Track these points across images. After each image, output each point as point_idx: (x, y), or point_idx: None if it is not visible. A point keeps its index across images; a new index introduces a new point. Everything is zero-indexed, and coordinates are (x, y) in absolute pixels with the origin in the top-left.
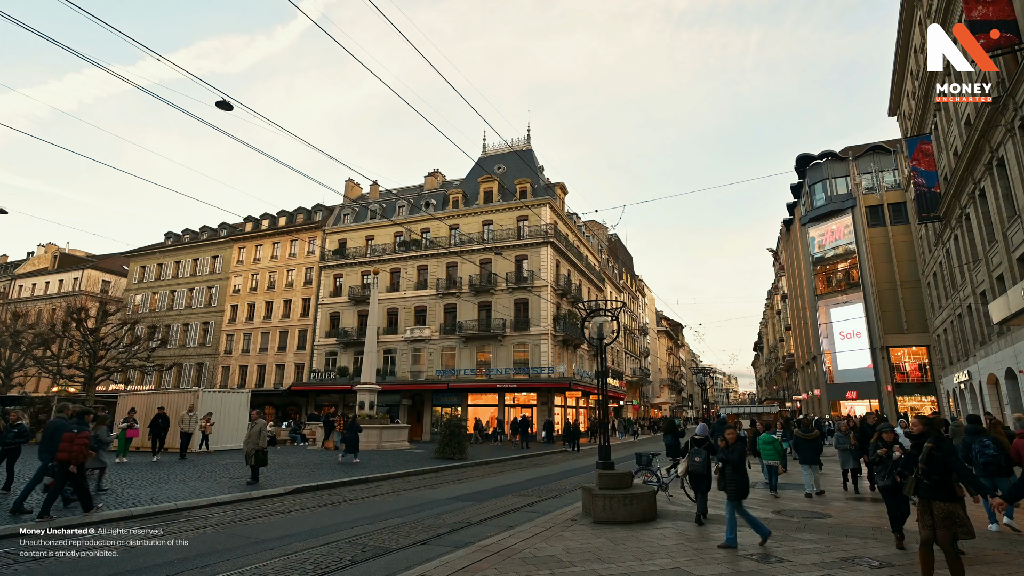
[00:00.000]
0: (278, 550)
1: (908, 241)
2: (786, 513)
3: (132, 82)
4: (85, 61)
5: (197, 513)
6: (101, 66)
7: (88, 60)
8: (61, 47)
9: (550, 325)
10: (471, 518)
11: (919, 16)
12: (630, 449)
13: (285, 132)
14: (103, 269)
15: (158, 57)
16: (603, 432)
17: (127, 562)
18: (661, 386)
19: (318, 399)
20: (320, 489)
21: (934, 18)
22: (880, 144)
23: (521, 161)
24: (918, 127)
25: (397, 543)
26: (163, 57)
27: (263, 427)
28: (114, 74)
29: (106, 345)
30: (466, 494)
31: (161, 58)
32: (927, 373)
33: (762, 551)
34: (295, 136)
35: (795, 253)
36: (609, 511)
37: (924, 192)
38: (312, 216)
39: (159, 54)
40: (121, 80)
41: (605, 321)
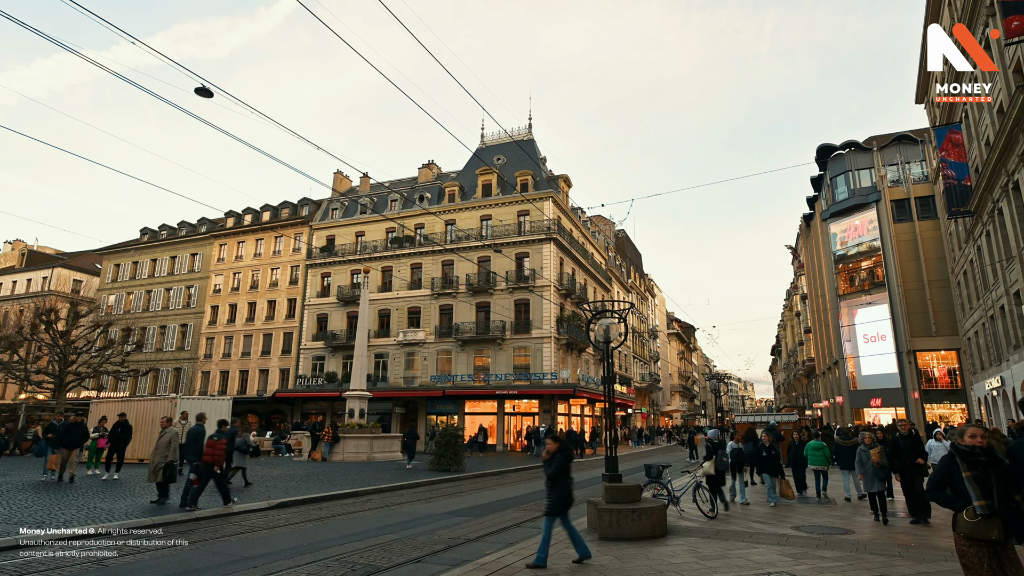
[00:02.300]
0: (262, 568)
1: (937, 237)
2: (806, 528)
3: (106, 68)
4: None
5: (174, 529)
6: (73, 50)
7: (59, 44)
8: (30, 30)
9: (553, 327)
10: (468, 534)
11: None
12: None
13: (269, 121)
14: (74, 267)
15: (133, 40)
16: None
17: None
18: (672, 393)
19: (304, 407)
20: (307, 503)
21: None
22: (907, 133)
23: (522, 152)
24: (947, 115)
25: (389, 561)
26: (139, 41)
27: (174, 436)
28: (87, 59)
29: (77, 349)
30: (463, 508)
31: (137, 41)
32: (957, 379)
33: (576, 567)
34: (280, 125)
35: (815, 250)
36: (616, 526)
37: (954, 185)
38: (298, 211)
39: (135, 38)
40: (95, 66)
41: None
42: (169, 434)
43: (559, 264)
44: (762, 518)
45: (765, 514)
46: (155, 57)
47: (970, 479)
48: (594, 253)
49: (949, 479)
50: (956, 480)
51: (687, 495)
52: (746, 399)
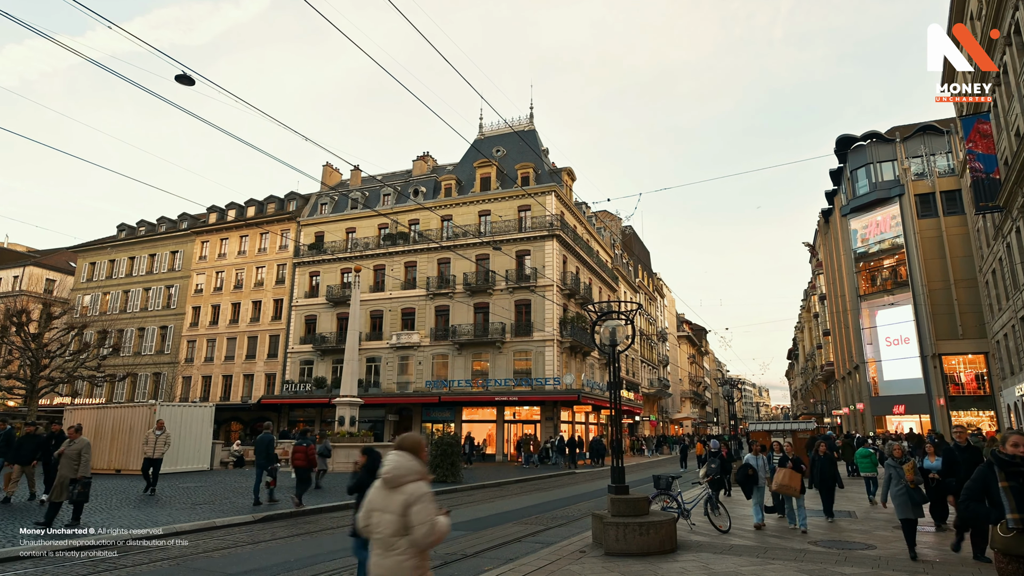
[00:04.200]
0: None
1: (963, 234)
2: (824, 543)
3: (82, 54)
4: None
5: (154, 544)
6: (46, 36)
7: (31, 29)
8: (1, 14)
9: (556, 330)
10: (466, 549)
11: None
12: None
13: (254, 110)
14: (47, 266)
15: (110, 25)
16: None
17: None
18: (682, 399)
19: (292, 414)
20: (294, 516)
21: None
22: (931, 124)
23: (523, 143)
24: (974, 105)
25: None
26: (116, 26)
27: (85, 448)
28: (62, 45)
29: (50, 353)
30: (461, 522)
31: (114, 26)
32: (985, 384)
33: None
34: (265, 115)
35: (835, 248)
36: (623, 541)
37: (981, 178)
38: (285, 206)
39: (111, 22)
40: (69, 52)
41: (618, 325)
42: (80, 444)
43: (562, 262)
44: (777, 532)
45: (781, 528)
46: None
47: (1006, 490)
48: (599, 251)
49: (986, 490)
50: (992, 491)
51: (698, 507)
52: (761, 406)
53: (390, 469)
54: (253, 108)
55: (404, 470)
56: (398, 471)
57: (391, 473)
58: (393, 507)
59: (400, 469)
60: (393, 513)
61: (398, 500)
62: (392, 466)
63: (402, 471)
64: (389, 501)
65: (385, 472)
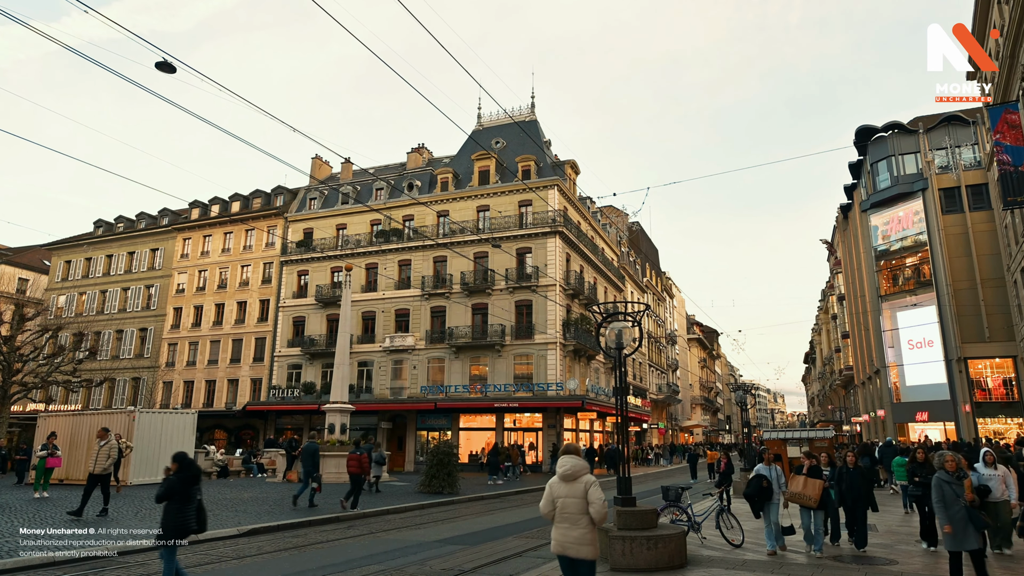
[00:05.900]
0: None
1: (991, 231)
2: (844, 559)
3: (57, 40)
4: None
5: (132, 559)
6: (19, 21)
7: (3, 13)
8: None
9: (559, 332)
10: (463, 564)
11: None
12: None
13: (239, 99)
14: (19, 264)
15: (87, 9)
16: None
17: None
18: (693, 406)
19: (279, 421)
20: (281, 530)
21: None
22: (957, 114)
23: (524, 134)
24: (1003, 93)
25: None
26: (93, 10)
27: None
28: (35, 30)
29: (23, 356)
30: (457, 535)
31: (90, 10)
32: (1013, 390)
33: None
34: (251, 104)
35: (854, 245)
36: (629, 556)
37: (1009, 172)
38: (272, 200)
39: (88, 6)
40: (44, 38)
41: (625, 327)
42: None
43: (565, 260)
44: (793, 545)
45: (798, 541)
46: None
47: None
48: (605, 248)
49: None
50: None
51: (709, 520)
52: (776, 412)
53: (569, 467)
54: (238, 97)
55: (579, 466)
56: (575, 468)
57: (570, 470)
58: (576, 493)
59: (576, 466)
60: (577, 497)
61: (579, 488)
62: (569, 465)
63: (578, 467)
64: (572, 489)
65: (565, 470)
